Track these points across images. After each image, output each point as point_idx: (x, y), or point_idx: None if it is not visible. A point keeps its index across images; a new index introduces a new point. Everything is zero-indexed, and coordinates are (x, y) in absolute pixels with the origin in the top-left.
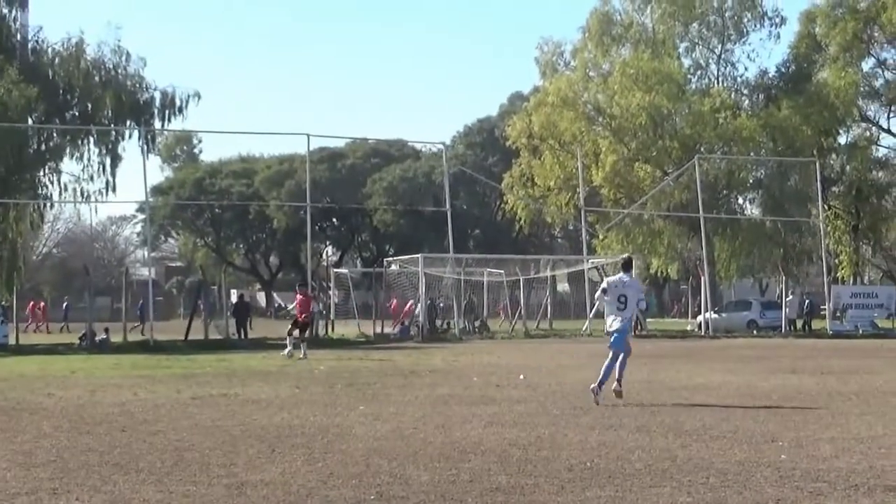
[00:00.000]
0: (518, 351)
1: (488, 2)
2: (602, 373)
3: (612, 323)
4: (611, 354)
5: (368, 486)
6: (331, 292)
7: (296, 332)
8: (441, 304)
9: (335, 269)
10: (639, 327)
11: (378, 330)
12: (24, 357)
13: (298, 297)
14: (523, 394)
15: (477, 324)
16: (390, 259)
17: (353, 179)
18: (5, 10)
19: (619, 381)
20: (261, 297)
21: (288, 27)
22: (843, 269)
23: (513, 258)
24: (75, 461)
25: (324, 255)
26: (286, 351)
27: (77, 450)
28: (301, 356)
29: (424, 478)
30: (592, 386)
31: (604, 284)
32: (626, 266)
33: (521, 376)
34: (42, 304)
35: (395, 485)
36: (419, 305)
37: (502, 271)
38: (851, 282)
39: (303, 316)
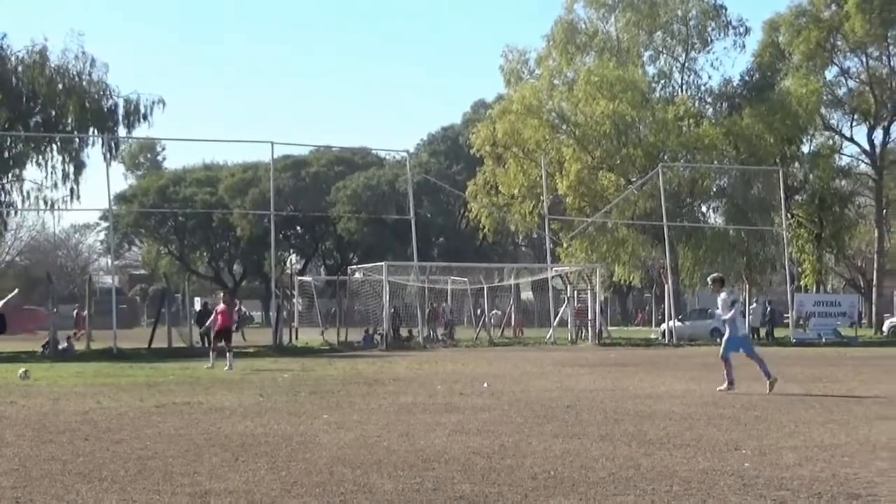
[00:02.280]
0: (482, 359)
1: (452, 10)
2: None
3: (743, 329)
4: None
5: (332, 494)
6: (294, 300)
7: (220, 343)
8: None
9: (299, 277)
10: (602, 335)
11: (342, 338)
12: None
13: (220, 306)
14: (487, 402)
15: (444, 332)
16: (354, 267)
17: (316, 187)
18: None
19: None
20: None
21: (252, 34)
22: (806, 277)
23: (477, 266)
24: (38, 470)
25: (288, 263)
26: (209, 364)
27: (40, 458)
28: (227, 367)
29: (388, 486)
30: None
31: (735, 297)
32: (720, 282)
33: (485, 384)
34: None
35: (359, 493)
36: (383, 313)
37: (466, 279)
38: (814, 290)
39: (223, 326)
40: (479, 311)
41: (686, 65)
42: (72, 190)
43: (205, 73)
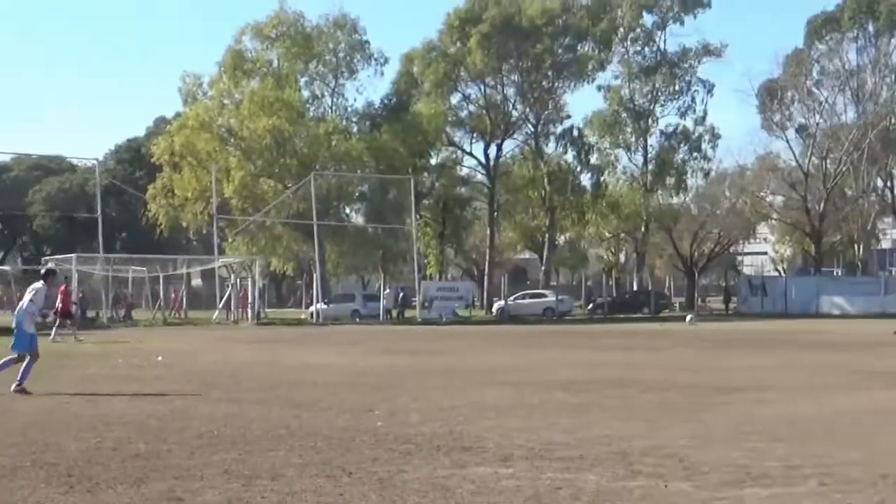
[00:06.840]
0: (158, 337)
1: (134, 38)
2: None
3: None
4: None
5: (25, 453)
6: None
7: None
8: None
9: None
10: (260, 316)
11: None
12: None
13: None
14: (161, 372)
15: (125, 314)
16: (48, 258)
17: (16, 189)
18: None
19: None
20: None
21: None
22: (430, 267)
23: (154, 257)
24: None
25: None
26: None
27: None
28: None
29: (74, 446)
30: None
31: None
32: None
33: (159, 357)
34: None
35: (48, 452)
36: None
37: (145, 268)
38: (438, 278)
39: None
40: (156, 296)
41: (336, 89)
42: None
43: None
